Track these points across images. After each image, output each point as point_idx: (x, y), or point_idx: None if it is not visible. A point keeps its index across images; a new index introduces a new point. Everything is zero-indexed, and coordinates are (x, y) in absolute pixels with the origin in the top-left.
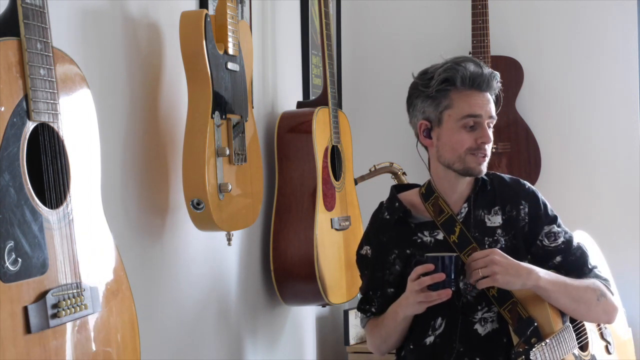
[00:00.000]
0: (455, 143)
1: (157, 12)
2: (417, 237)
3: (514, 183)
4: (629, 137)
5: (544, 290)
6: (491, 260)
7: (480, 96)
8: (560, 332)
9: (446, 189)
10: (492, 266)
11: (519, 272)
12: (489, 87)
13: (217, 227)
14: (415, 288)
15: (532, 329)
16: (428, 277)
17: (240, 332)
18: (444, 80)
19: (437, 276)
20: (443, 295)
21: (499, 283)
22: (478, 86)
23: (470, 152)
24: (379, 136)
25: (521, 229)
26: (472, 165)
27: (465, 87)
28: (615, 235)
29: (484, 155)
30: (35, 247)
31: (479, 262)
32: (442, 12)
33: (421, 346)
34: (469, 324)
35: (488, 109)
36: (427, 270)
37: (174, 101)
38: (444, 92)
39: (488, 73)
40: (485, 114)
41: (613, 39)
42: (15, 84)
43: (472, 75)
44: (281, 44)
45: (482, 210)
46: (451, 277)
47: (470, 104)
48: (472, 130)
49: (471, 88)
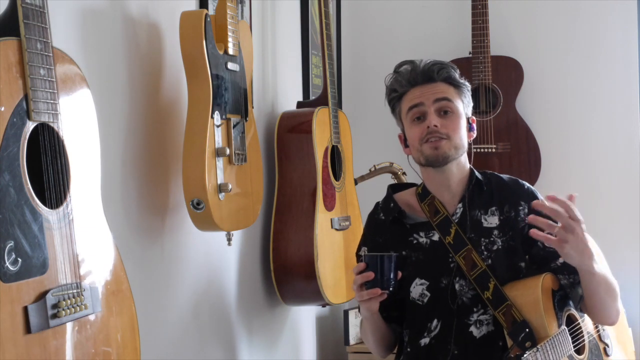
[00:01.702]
0: (411, 139)
1: (157, 12)
2: (413, 237)
3: (513, 183)
4: (629, 137)
5: (591, 275)
6: (572, 229)
7: (422, 88)
8: (555, 336)
9: (437, 189)
10: (569, 234)
11: (584, 252)
12: (428, 78)
13: (217, 227)
14: (352, 287)
15: (525, 332)
16: (359, 275)
17: (241, 332)
18: (390, 91)
19: (366, 275)
20: (371, 294)
21: (563, 250)
22: (414, 82)
23: (424, 141)
24: (379, 136)
25: (520, 230)
26: (429, 152)
27: (404, 87)
28: (615, 235)
29: (437, 139)
30: (35, 247)
31: (562, 217)
32: (442, 12)
33: (417, 347)
34: (464, 326)
35: (430, 94)
36: (360, 270)
37: (174, 101)
38: (395, 101)
39: (425, 66)
40: (427, 101)
41: (613, 39)
42: (15, 84)
43: (408, 75)
44: (281, 44)
45: (479, 210)
46: (388, 276)
47: (410, 98)
48: (421, 120)
49: (411, 87)
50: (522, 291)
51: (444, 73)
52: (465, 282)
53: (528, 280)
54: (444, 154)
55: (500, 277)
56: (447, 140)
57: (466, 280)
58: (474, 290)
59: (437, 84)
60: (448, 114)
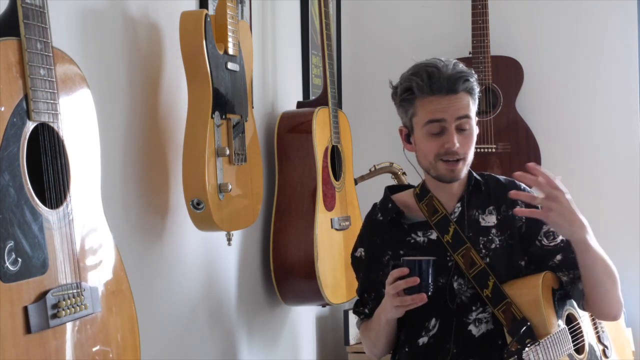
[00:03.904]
0: (424, 150)
1: (157, 12)
2: (411, 237)
3: (510, 183)
4: (629, 137)
5: (586, 247)
6: (555, 197)
7: (443, 100)
8: (555, 333)
9: (437, 189)
10: (552, 203)
11: (573, 220)
12: (452, 89)
13: (217, 227)
14: (391, 292)
15: (525, 328)
16: (402, 281)
17: (241, 332)
18: (404, 90)
19: (411, 280)
20: (417, 299)
21: (550, 221)
22: (438, 91)
23: (440, 159)
24: (379, 136)
25: (518, 229)
26: (444, 172)
27: (424, 94)
28: (615, 235)
29: (456, 160)
30: (35, 247)
31: (544, 187)
32: (442, 12)
33: (415, 347)
34: (463, 325)
35: (454, 110)
36: (402, 274)
37: (174, 101)
38: (408, 101)
39: (450, 74)
40: (450, 117)
41: (613, 39)
42: (15, 84)
43: (430, 81)
44: (281, 44)
45: (477, 210)
46: (427, 281)
47: (431, 109)
48: (440, 135)
49: (431, 94)
50: (522, 289)
51: (468, 85)
52: (463, 280)
53: (528, 279)
54: (459, 174)
55: (499, 275)
56: (463, 161)
57: (465, 278)
58: (473, 288)
59: (459, 95)
60: (466, 131)
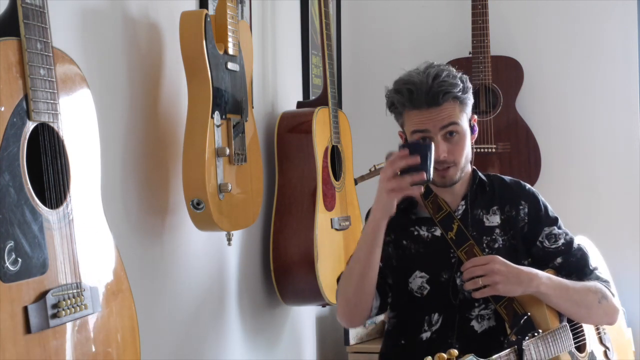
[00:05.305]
0: None
1: (157, 12)
2: (415, 229)
3: (514, 184)
4: (629, 137)
5: (546, 295)
6: (492, 270)
7: (425, 113)
8: (556, 329)
9: (439, 190)
10: (494, 276)
11: (520, 279)
12: (432, 103)
13: (217, 227)
14: (388, 172)
15: (526, 318)
16: (403, 160)
17: (241, 332)
18: (390, 104)
19: (412, 159)
20: (417, 178)
21: (501, 292)
22: (419, 106)
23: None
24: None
25: (520, 229)
26: (437, 179)
27: (406, 107)
28: (615, 235)
29: (445, 167)
30: (35, 247)
31: (477, 270)
32: (442, 12)
33: (417, 341)
34: (465, 321)
35: (437, 121)
36: (403, 155)
37: (174, 101)
38: (396, 112)
39: (429, 89)
40: (434, 128)
41: (613, 39)
42: (15, 84)
43: (410, 97)
44: (281, 44)
45: (481, 210)
46: (427, 164)
47: (415, 121)
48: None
49: (413, 108)
50: None
51: (449, 96)
52: None
53: None
54: (451, 179)
55: None
56: (454, 166)
57: None
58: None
59: (442, 106)
60: (454, 135)
